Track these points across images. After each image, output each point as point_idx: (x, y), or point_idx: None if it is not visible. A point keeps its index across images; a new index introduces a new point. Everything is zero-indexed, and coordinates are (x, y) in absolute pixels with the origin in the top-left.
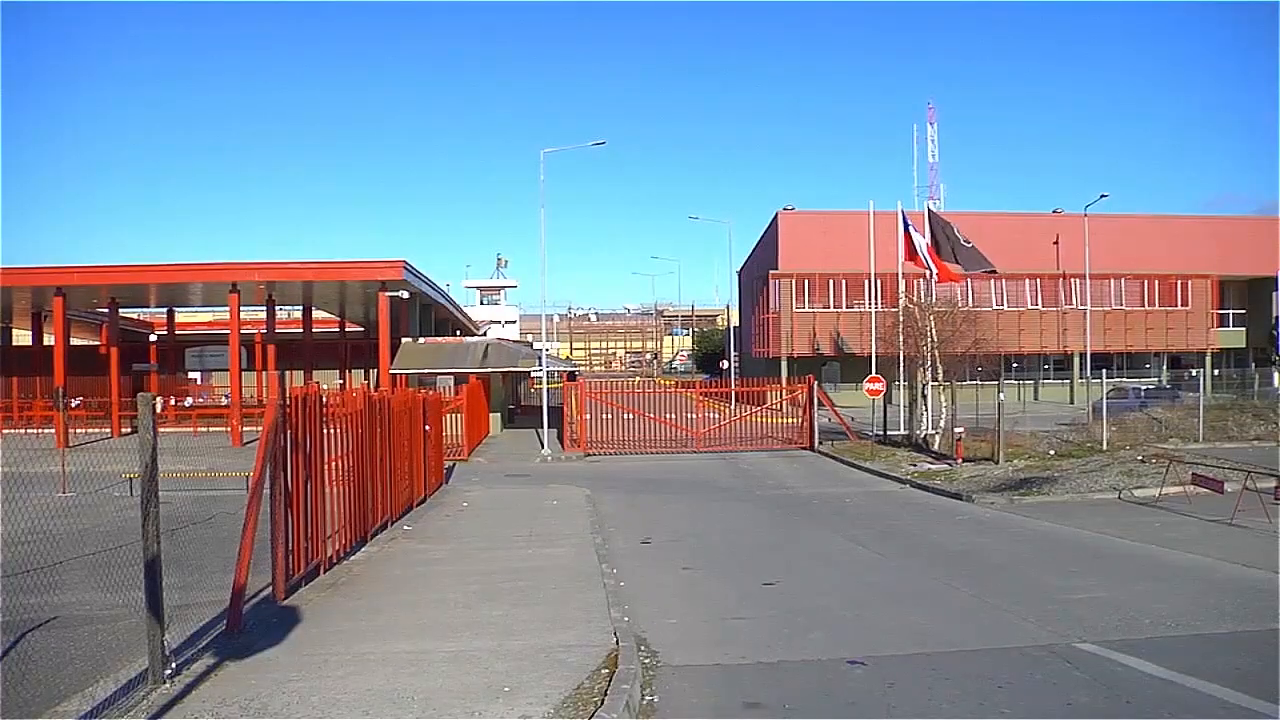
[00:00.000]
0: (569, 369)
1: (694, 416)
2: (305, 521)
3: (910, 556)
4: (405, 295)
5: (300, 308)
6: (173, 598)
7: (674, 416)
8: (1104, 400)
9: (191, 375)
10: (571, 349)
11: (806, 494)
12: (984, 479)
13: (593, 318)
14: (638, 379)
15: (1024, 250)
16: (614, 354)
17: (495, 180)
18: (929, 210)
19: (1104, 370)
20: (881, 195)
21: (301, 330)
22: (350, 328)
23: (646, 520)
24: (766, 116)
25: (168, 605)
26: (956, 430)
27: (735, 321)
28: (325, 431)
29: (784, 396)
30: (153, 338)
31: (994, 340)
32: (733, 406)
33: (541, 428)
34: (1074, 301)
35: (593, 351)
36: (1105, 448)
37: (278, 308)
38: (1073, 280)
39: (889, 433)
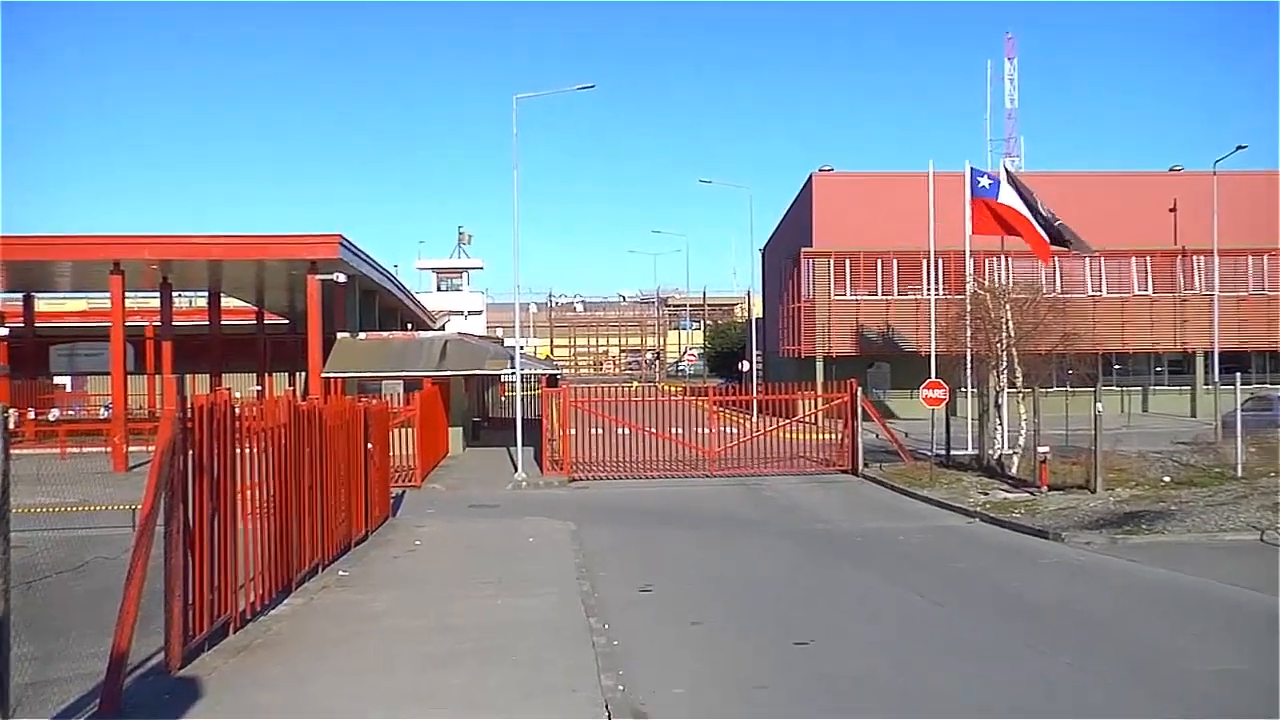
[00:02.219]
0: (549, 371)
1: (706, 431)
2: (211, 567)
3: (981, 610)
4: (341, 278)
5: (205, 294)
6: (26, 672)
7: (681, 431)
8: (1237, 412)
9: (58, 380)
10: (553, 346)
11: (848, 529)
12: (1076, 512)
13: (579, 307)
14: (635, 384)
15: (1129, 220)
16: (606, 352)
17: (457, 137)
18: (1006, 170)
19: (1237, 373)
20: (942, 153)
21: (208, 323)
22: (271, 319)
23: (646, 562)
24: (791, 56)
25: (19, 682)
26: (1040, 450)
27: (758, 312)
28: (238, 452)
29: (819, 406)
30: (3, 332)
31: (1089, 335)
32: (754, 419)
33: (514, 445)
34: (1197, 285)
35: (579, 349)
36: (1240, 474)
37: (176, 294)
38: (1195, 258)
39: (953, 452)
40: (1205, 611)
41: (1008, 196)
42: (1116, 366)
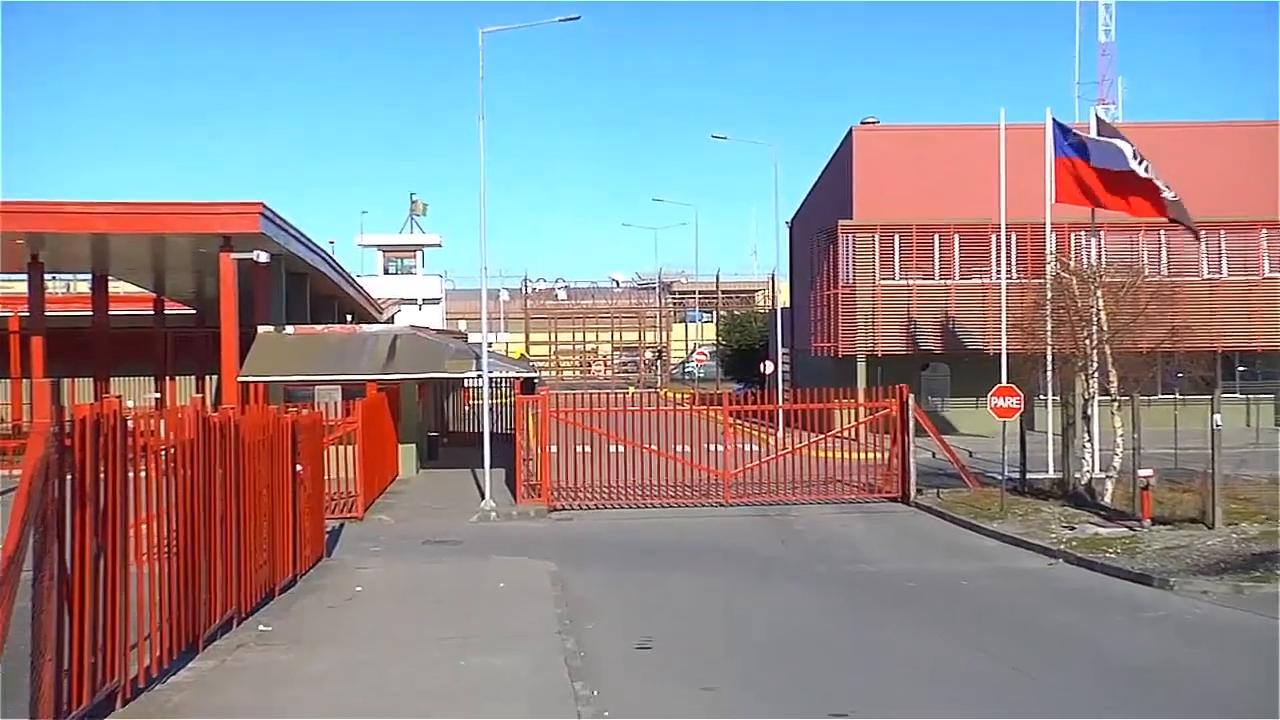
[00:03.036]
0: (525, 374)
1: (720, 449)
2: (94, 622)
3: (1070, 677)
4: (263, 258)
5: (89, 277)
6: None
7: (688, 450)
8: None
9: None
10: (529, 343)
11: (898, 572)
12: (1189, 552)
13: (561, 295)
14: (632, 390)
15: (1259, 182)
16: (595, 350)
17: (408, 83)
18: (1099, 120)
19: None
20: (1016, 100)
21: (91, 313)
22: (174, 309)
23: (645, 612)
24: None
25: None
26: (1142, 473)
27: (784, 300)
28: (131, 476)
29: (861, 418)
30: None
31: (1205, 328)
32: (780, 433)
33: (481, 467)
34: None
35: (562, 346)
36: None
37: (51, 277)
38: None
39: (1030, 476)
40: None
41: (1101, 155)
42: (1241, 369)
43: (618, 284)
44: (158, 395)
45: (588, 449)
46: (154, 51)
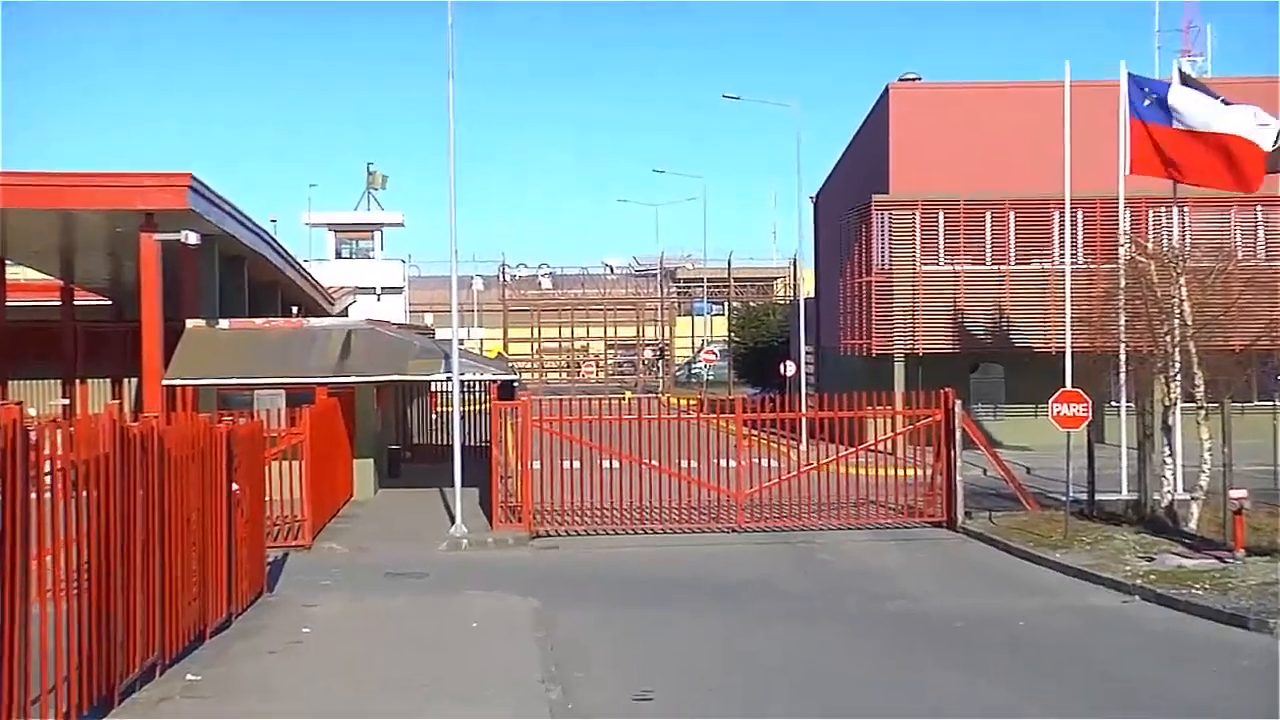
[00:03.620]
0: (503, 376)
1: (733, 465)
2: None
3: None
4: (193, 239)
5: None
6: None
7: (696, 466)
8: None
9: None
10: (508, 339)
11: (943, 610)
12: None
13: (545, 283)
14: (629, 395)
15: None
16: (586, 348)
17: (364, 39)
18: (1182, 74)
19: None
20: (1084, 54)
21: None
22: (86, 299)
23: (644, 657)
24: None
25: None
26: (1234, 494)
27: (808, 289)
28: (34, 497)
29: (899, 428)
30: None
31: None
32: (804, 446)
33: (450, 486)
34: None
35: (547, 344)
36: None
37: None
38: None
39: (1099, 497)
40: None
41: (1185, 116)
42: None
43: (612, 270)
44: (66, 401)
45: (577, 464)
46: (64, 8)
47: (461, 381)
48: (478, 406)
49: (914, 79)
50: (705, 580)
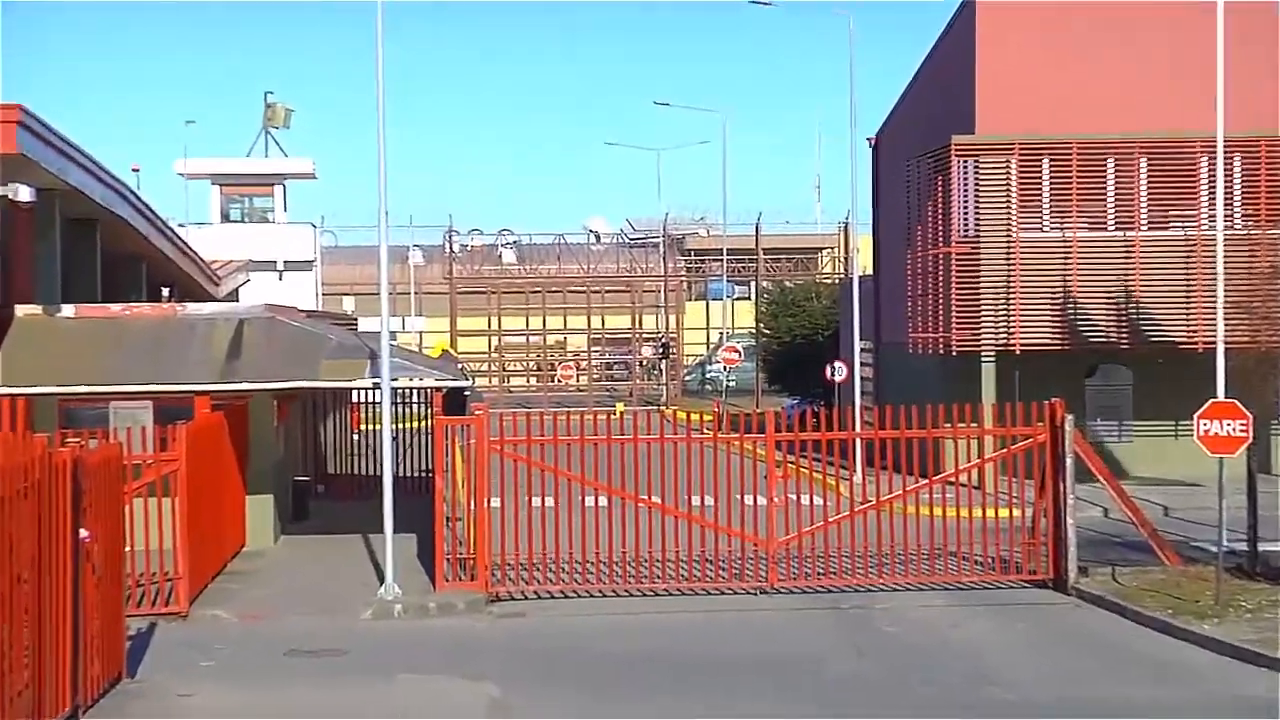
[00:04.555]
0: (450, 382)
1: (762, 503)
2: None
3: None
4: (25, 196)
5: None
6: None
7: (712, 504)
8: None
9: None
10: (457, 333)
11: (1050, 704)
12: None
13: (507, 256)
14: (621, 407)
15: None
16: (563, 343)
17: None
18: None
19: None
20: None
21: None
22: None
23: None
24: None
25: None
26: None
27: (863, 265)
28: None
29: (989, 453)
30: None
31: None
32: (859, 478)
33: (380, 531)
34: None
35: (510, 339)
36: None
37: None
38: None
39: (1263, 547)
40: None
41: None
42: None
43: (598, 239)
44: None
45: (550, 502)
46: None
47: (394, 390)
48: (417, 423)
49: None
50: (726, 661)
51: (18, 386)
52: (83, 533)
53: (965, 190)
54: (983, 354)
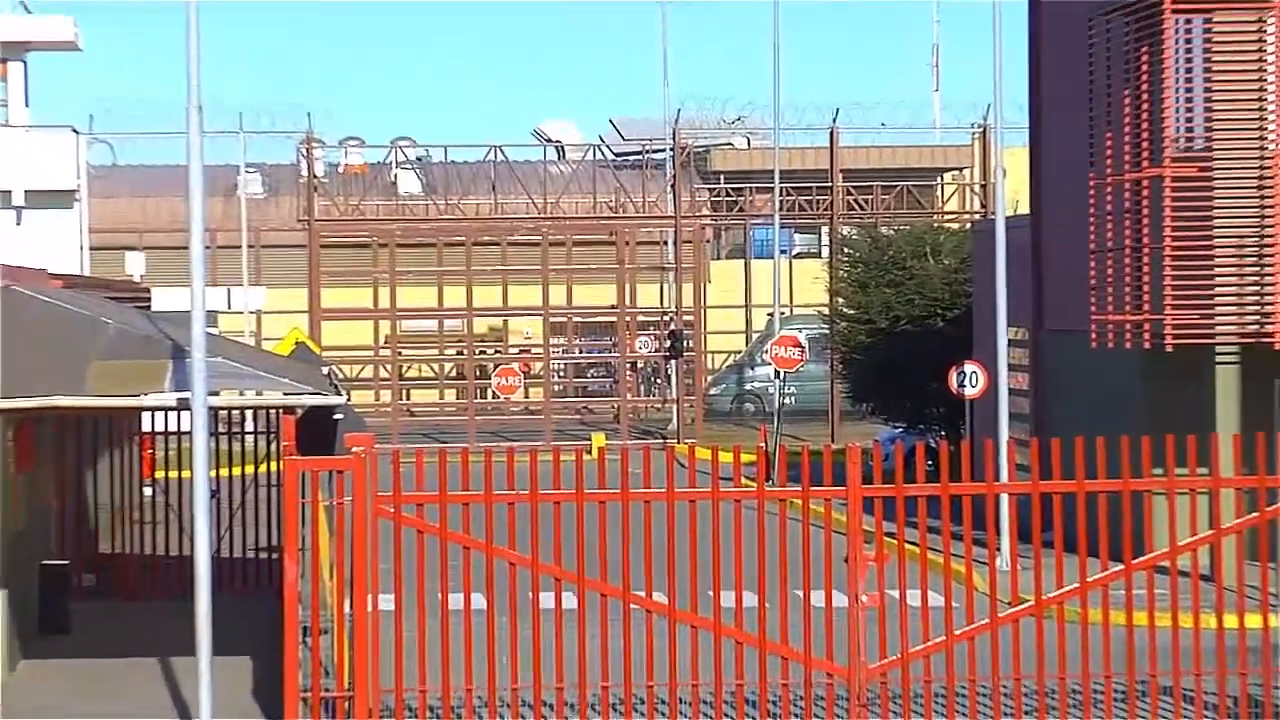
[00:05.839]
0: (307, 398)
1: (841, 605)
2: None
3: None
4: None
5: None
6: None
7: (754, 603)
8: None
9: None
10: (318, 314)
11: None
12: None
13: (407, 182)
14: (601, 439)
15: None
16: (505, 331)
17: None
18: None
19: None
20: None
21: None
22: None
23: None
24: None
25: None
26: None
27: (1013, 200)
28: None
29: (1234, 518)
30: None
31: None
32: (1007, 558)
33: (191, 653)
34: None
35: (413, 320)
36: None
37: None
38: None
39: None
40: None
41: None
42: None
43: (561, 154)
44: None
45: (480, 602)
46: None
47: (216, 412)
48: (255, 468)
49: None
50: None
51: None
52: None
53: (1189, 72)
54: (1217, 349)
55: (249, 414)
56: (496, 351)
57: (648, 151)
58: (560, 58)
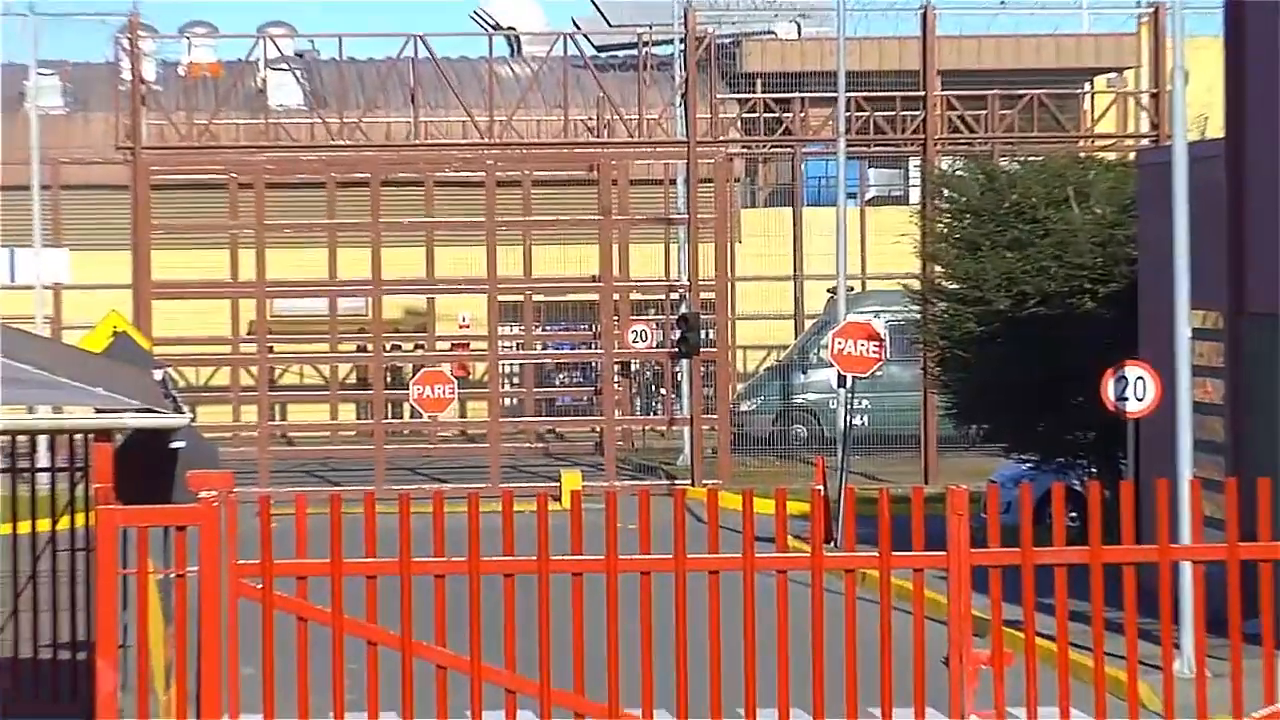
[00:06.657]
0: (130, 418)
1: None
2: None
3: None
4: None
5: None
6: None
7: None
8: None
9: None
10: (147, 289)
11: None
12: None
13: (280, 89)
14: (575, 478)
15: None
16: (432, 315)
17: None
18: None
19: None
20: None
21: None
22: None
23: None
24: None
25: None
26: None
27: (1197, 121)
28: None
29: None
30: None
31: None
32: (1189, 659)
33: None
34: None
35: (291, 300)
36: None
37: None
38: None
39: None
40: None
41: None
42: None
43: (515, 49)
44: None
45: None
46: None
47: None
48: (53, 520)
49: None
50: None
51: None
52: None
53: None
54: None
55: (41, 442)
56: (418, 347)
57: (646, 43)
58: None
